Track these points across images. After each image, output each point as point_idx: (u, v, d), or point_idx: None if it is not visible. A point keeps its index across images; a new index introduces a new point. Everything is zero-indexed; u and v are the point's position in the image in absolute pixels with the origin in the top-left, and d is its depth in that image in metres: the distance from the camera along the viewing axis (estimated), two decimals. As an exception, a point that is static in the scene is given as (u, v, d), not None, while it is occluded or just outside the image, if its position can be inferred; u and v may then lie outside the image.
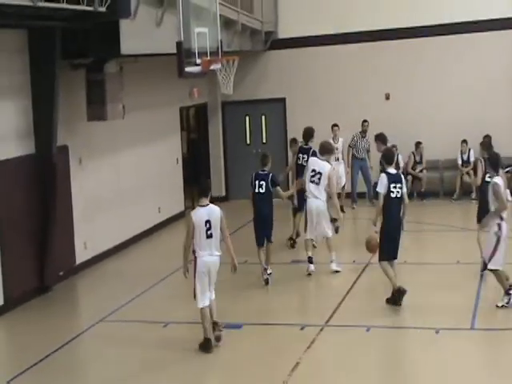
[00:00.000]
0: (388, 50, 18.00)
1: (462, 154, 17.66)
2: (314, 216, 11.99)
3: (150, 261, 13.71)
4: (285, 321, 10.31)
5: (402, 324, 9.96)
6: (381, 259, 10.42)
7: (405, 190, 10.39)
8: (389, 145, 12.16)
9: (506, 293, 10.10)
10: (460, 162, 17.67)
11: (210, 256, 9.19)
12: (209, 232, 9.10)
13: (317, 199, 11.94)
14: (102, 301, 11.62)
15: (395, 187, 10.21)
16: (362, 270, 12.28)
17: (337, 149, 16.45)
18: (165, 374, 8.82)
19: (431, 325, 9.77)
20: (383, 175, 10.32)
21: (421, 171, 17.82)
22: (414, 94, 18.03)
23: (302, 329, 9.89)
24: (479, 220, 11.16)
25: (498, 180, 10.13)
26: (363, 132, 17.53)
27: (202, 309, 9.27)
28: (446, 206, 15.25)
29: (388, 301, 10.45)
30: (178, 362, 9.14)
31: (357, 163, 17.53)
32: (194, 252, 9.30)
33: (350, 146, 17.44)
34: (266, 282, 11.69)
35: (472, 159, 17.50)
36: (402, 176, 10.51)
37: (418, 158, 17.91)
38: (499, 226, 10.03)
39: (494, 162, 10.41)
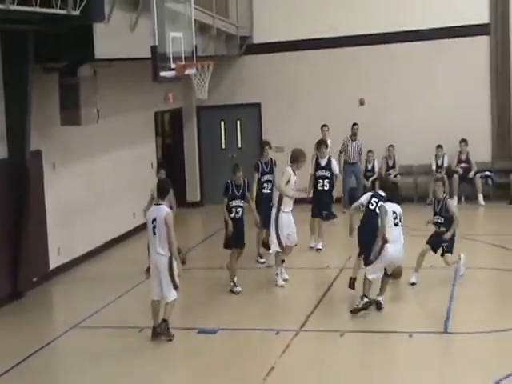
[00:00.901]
0: (362, 56, 18.07)
1: (436, 159, 17.78)
2: None
3: (124, 266, 13.61)
4: (260, 326, 10.31)
5: (375, 328, 9.98)
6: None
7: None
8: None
9: (363, 298, 10.36)
10: (434, 167, 17.80)
11: (154, 253, 9.69)
12: (154, 230, 9.64)
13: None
14: (76, 306, 11.55)
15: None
16: (336, 275, 12.31)
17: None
18: (140, 380, 8.78)
19: (404, 329, 9.83)
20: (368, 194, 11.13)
21: (395, 176, 17.91)
22: (389, 100, 18.10)
23: (276, 334, 9.89)
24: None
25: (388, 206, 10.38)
26: (353, 135, 17.63)
27: (151, 301, 9.78)
28: (420, 210, 15.28)
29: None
30: (154, 367, 9.10)
31: (349, 169, 17.58)
32: None
33: (340, 151, 17.47)
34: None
35: (446, 165, 17.66)
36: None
37: (390, 163, 18.00)
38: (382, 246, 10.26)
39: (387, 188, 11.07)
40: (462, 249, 11.86)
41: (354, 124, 17.65)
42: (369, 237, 10.62)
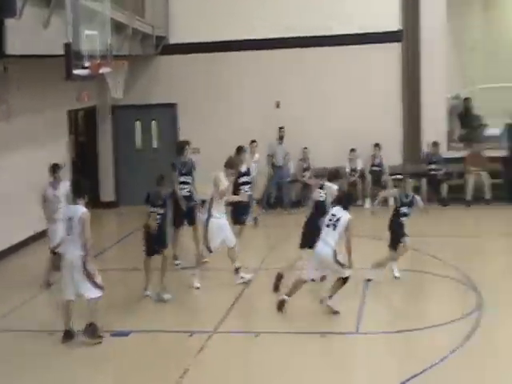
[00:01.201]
0: (278, 58, 18.19)
1: (350, 162, 18.10)
2: None
3: (37, 267, 13.25)
4: (173, 328, 10.25)
5: (290, 329, 10.06)
6: None
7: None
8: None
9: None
10: (348, 170, 18.12)
11: (68, 253, 9.57)
12: (69, 229, 9.54)
13: None
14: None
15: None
16: (251, 276, 12.37)
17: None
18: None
19: (318, 329, 9.95)
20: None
21: (310, 178, 18.08)
22: (303, 103, 18.30)
23: (190, 335, 9.86)
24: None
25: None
26: (280, 139, 17.77)
27: (65, 301, 9.66)
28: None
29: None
30: (64, 370, 8.93)
31: (277, 172, 17.75)
32: None
33: (268, 154, 17.71)
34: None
35: (359, 168, 18.01)
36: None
37: (305, 165, 18.20)
38: None
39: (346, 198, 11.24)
40: (373, 251, 12.11)
41: (281, 127, 17.81)
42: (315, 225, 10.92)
